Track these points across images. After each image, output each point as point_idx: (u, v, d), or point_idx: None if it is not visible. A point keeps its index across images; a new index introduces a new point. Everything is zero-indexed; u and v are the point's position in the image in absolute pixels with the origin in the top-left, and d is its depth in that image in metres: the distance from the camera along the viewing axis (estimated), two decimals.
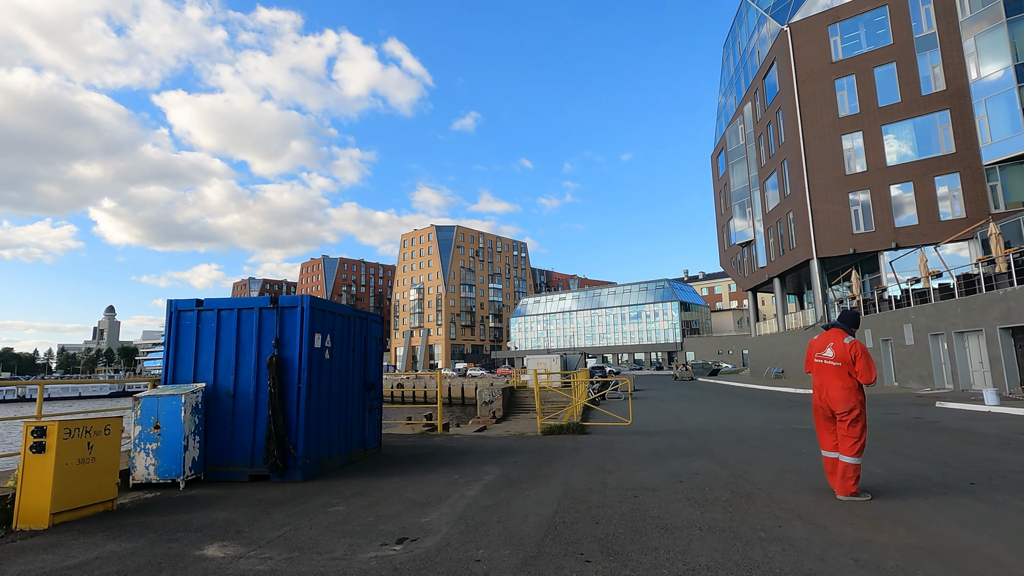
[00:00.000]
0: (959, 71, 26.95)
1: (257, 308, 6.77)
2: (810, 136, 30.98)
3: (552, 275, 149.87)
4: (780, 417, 12.68)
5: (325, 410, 7.03)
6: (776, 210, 35.64)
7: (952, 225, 26.75)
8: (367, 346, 8.40)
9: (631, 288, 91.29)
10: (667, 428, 11.11)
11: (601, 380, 22.14)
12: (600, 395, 21.73)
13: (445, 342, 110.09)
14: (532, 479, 6.14)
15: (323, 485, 6.12)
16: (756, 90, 38.27)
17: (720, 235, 50.93)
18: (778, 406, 16.20)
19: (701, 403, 18.74)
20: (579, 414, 12.87)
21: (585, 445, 8.74)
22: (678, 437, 9.51)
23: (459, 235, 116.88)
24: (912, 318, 20.99)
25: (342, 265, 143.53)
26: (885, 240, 28.43)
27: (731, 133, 43.70)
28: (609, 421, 11.80)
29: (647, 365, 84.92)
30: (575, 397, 14.50)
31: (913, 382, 21.04)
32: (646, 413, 15.08)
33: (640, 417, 13.74)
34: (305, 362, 6.55)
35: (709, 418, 13.18)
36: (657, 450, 8.06)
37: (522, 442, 9.44)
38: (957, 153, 26.97)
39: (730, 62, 45.77)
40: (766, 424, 11.30)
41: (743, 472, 6.22)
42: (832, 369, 4.88)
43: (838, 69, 30.64)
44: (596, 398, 20.84)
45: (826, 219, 30.20)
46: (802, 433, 9.56)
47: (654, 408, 16.97)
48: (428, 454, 8.36)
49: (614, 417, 12.44)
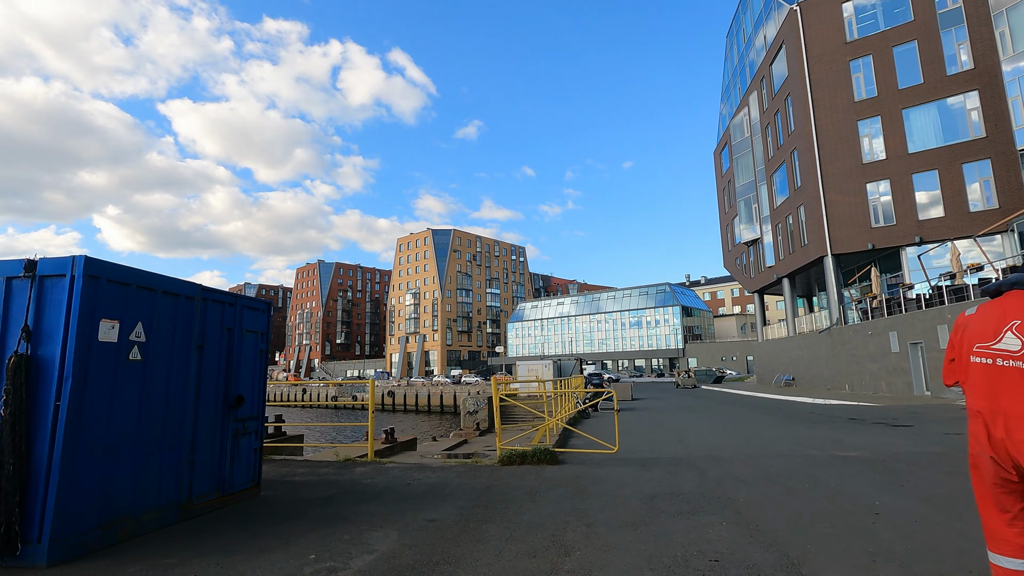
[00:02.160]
0: (988, 48, 24.46)
1: (3, 278, 4.21)
2: (823, 122, 28.48)
3: (551, 280, 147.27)
4: (809, 437, 10.06)
5: (127, 441, 4.46)
6: (785, 204, 33.09)
7: (983, 217, 24.17)
8: (233, 344, 5.83)
9: (631, 292, 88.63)
10: (667, 454, 8.50)
11: (594, 390, 19.46)
12: (591, 405, 19.10)
13: (441, 348, 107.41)
14: (433, 568, 3.56)
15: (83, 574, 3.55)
16: (762, 78, 35.83)
17: (724, 235, 48.37)
18: (799, 420, 13.57)
19: (707, 416, 16.10)
20: (557, 435, 10.25)
21: (549, 486, 6.14)
22: (682, 471, 6.89)
23: (456, 239, 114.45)
24: (948, 318, 18.36)
25: (338, 270, 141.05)
26: (907, 234, 25.85)
27: (735, 126, 41.24)
28: (592, 448, 9.17)
29: (648, 372, 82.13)
30: (557, 411, 11.90)
31: (950, 391, 18.38)
32: (643, 430, 12.47)
33: (634, 436, 11.13)
34: (72, 366, 3.99)
35: (720, 437, 10.56)
36: (652, 498, 5.45)
37: (467, 477, 6.85)
38: (988, 138, 24.43)
39: (734, 52, 43.40)
40: (795, 447, 8.68)
41: (799, 559, 3.61)
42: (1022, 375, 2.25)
43: (853, 49, 28.18)
44: (588, 408, 18.21)
45: (841, 212, 27.63)
46: (852, 465, 6.95)
47: (653, 423, 14.35)
48: (321, 500, 5.78)
49: (599, 443, 9.82)
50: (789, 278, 33.95)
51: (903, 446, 8.38)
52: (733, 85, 43.59)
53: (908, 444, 8.60)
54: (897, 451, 7.88)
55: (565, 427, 10.90)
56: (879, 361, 23.14)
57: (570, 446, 9.52)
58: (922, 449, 8.03)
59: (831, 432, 10.64)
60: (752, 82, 38.10)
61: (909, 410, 15.18)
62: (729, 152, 42.97)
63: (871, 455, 7.57)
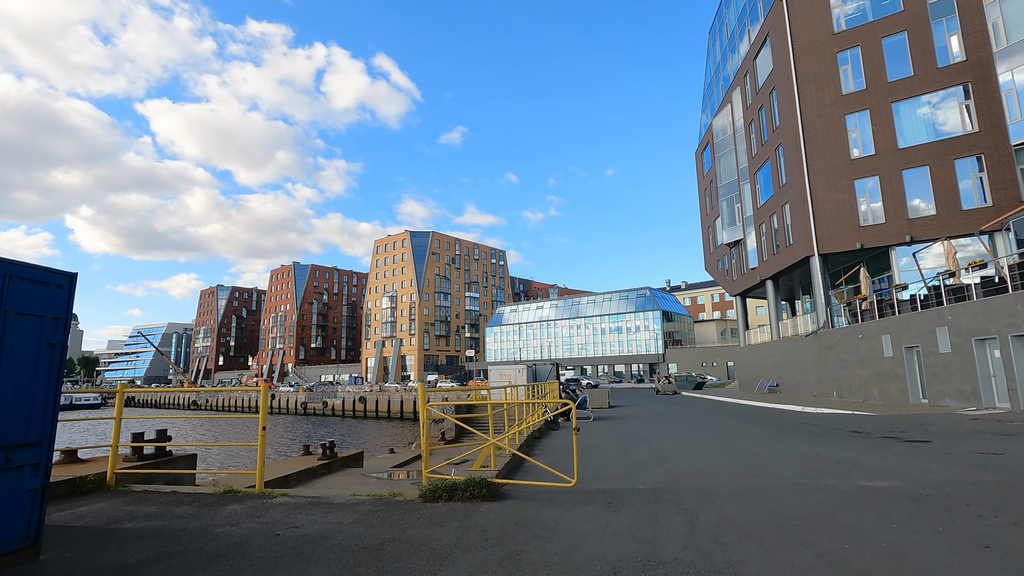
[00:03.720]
0: (981, 39, 23.39)
1: None
2: (809, 116, 27.18)
3: (532, 284, 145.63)
4: (816, 457, 8.29)
5: None
6: (769, 203, 31.77)
7: (976, 215, 23.00)
8: None
9: (611, 297, 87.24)
10: (644, 481, 6.63)
11: (563, 400, 17.57)
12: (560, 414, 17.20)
13: (418, 353, 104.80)
14: None
15: None
16: (746, 72, 34.59)
17: (705, 237, 47.09)
18: (796, 433, 11.85)
19: (691, 427, 14.31)
20: (510, 454, 8.31)
21: (470, 545, 4.20)
22: (662, 514, 5.01)
23: (434, 242, 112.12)
24: (949, 319, 16.92)
25: (313, 272, 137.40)
26: (898, 233, 24.58)
27: (718, 124, 39.99)
28: (547, 480, 7.25)
29: (628, 377, 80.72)
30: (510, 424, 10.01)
31: (951, 399, 16.92)
32: (616, 445, 10.61)
33: (605, 454, 9.26)
34: None
35: (708, 456, 8.74)
36: (617, 571, 3.55)
37: (365, 525, 4.88)
38: (980, 133, 23.30)
39: (716, 48, 42.25)
40: (806, 472, 6.89)
41: None
42: None
43: (841, 41, 26.97)
44: (556, 418, 16.32)
45: (828, 210, 26.30)
46: (891, 503, 5.16)
47: (629, 435, 12.50)
48: (125, 568, 3.78)
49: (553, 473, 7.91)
50: (773, 280, 32.61)
51: (941, 472, 6.64)
52: (716, 82, 42.41)
53: (944, 469, 6.86)
54: (938, 480, 6.13)
55: (518, 449, 8.95)
56: (870, 366, 21.71)
57: (523, 471, 7.60)
58: (968, 477, 6.29)
59: (839, 450, 8.90)
60: (735, 78, 36.88)
61: (913, 420, 13.60)
62: (711, 151, 41.72)
63: (908, 486, 5.80)
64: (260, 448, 6.64)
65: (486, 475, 6.13)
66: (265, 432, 6.59)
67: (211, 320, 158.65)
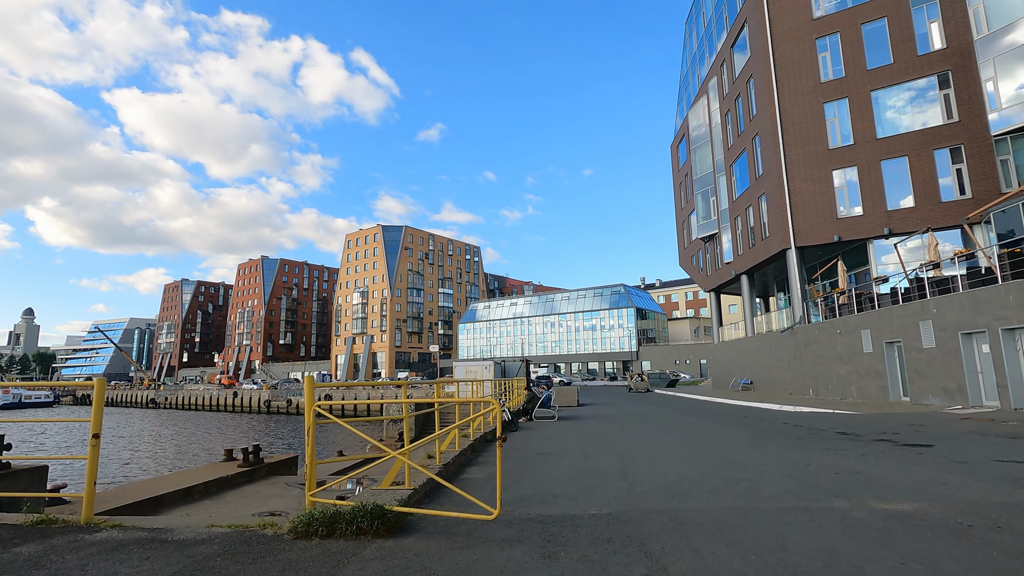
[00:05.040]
0: (962, 26, 22.70)
1: None
2: (787, 104, 26.26)
3: (507, 281, 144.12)
4: (809, 466, 6.96)
5: None
6: (746, 195, 30.86)
7: (956, 207, 22.31)
8: None
9: (586, 294, 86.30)
10: (598, 505, 5.16)
11: (515, 403, 16.03)
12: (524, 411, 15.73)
13: (389, 349, 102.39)
14: None
15: None
16: (723, 61, 33.64)
17: (680, 232, 46.24)
18: (779, 435, 10.59)
19: (663, 429, 12.97)
20: (437, 466, 6.73)
21: None
22: (617, 565, 3.53)
23: (407, 236, 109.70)
24: (933, 312, 15.98)
25: (282, 267, 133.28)
26: (876, 225, 23.79)
27: (694, 115, 39.04)
28: (469, 512, 5.70)
29: (602, 375, 79.92)
30: (449, 430, 8.46)
31: (934, 397, 15.99)
32: (575, 451, 9.16)
33: (559, 463, 7.79)
34: None
35: (681, 466, 7.34)
36: None
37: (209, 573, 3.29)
38: (961, 122, 22.62)
39: (693, 38, 41.30)
40: (801, 490, 5.52)
41: None
42: None
43: (820, 27, 26.10)
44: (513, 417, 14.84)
45: (806, 201, 25.42)
46: (926, 538, 3.81)
47: (593, 438, 11.08)
48: None
49: (472, 501, 6.41)
50: (748, 275, 31.74)
51: (966, 488, 5.33)
52: (692, 73, 41.47)
53: (968, 483, 5.57)
54: (971, 500, 4.81)
55: (457, 456, 7.35)
56: (849, 363, 20.81)
57: (450, 490, 6.06)
58: (1004, 496, 4.99)
59: (832, 457, 7.59)
60: (712, 67, 35.93)
61: (900, 420, 12.51)
62: (687, 144, 40.79)
63: (937, 510, 4.46)
64: (90, 463, 4.93)
65: (385, 500, 4.57)
66: (98, 441, 4.90)
67: (175, 315, 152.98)
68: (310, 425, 4.84)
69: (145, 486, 9.51)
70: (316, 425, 4.96)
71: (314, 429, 4.87)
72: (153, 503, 8.77)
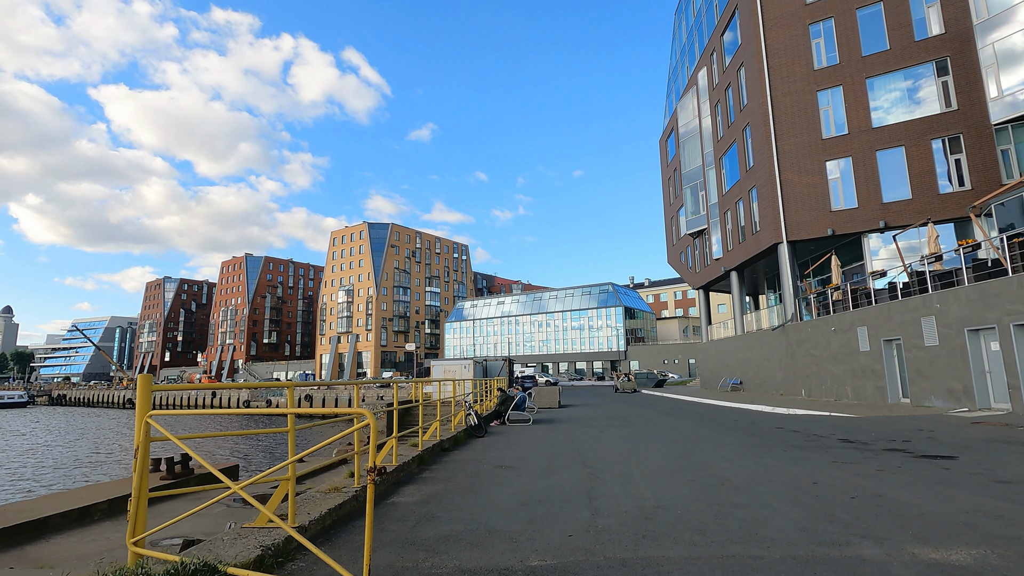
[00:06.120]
0: (961, 11, 21.72)
1: None
2: (779, 93, 25.15)
3: (495, 280, 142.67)
4: (814, 485, 5.70)
5: None
6: (736, 189, 29.76)
7: (955, 199, 21.32)
8: None
9: (574, 292, 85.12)
10: (543, 552, 3.84)
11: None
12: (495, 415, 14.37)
13: (375, 349, 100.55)
14: None
15: None
16: (713, 50, 32.53)
17: (668, 228, 45.16)
18: (775, 443, 9.34)
19: (646, 436, 11.68)
20: (357, 481, 5.36)
21: None
22: None
23: (394, 234, 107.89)
24: (936, 307, 14.86)
25: (267, 265, 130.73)
26: (871, 219, 22.75)
27: (683, 108, 37.92)
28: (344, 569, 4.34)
29: (589, 374, 78.81)
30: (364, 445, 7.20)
31: (937, 398, 14.87)
32: (535, 468, 7.84)
33: (512, 483, 6.46)
34: None
35: (662, 486, 6.03)
36: None
37: None
38: (959, 111, 21.63)
39: (682, 29, 40.21)
40: (813, 523, 4.24)
41: None
42: None
43: (813, 12, 25.02)
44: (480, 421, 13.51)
45: (798, 193, 24.33)
46: None
47: (563, 448, 9.77)
48: None
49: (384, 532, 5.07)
50: (738, 271, 30.66)
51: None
52: (681, 65, 40.38)
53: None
54: None
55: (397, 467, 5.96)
56: (844, 362, 19.70)
57: (381, 509, 4.69)
58: None
59: (842, 472, 6.33)
60: (702, 57, 34.82)
61: (906, 425, 11.33)
62: (676, 138, 39.66)
63: (1004, 562, 3.17)
64: None
65: (228, 554, 3.20)
66: None
67: (157, 314, 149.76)
68: (139, 444, 3.46)
69: (30, 506, 8.05)
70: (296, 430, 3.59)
71: (146, 448, 3.50)
72: (34, 528, 7.33)
